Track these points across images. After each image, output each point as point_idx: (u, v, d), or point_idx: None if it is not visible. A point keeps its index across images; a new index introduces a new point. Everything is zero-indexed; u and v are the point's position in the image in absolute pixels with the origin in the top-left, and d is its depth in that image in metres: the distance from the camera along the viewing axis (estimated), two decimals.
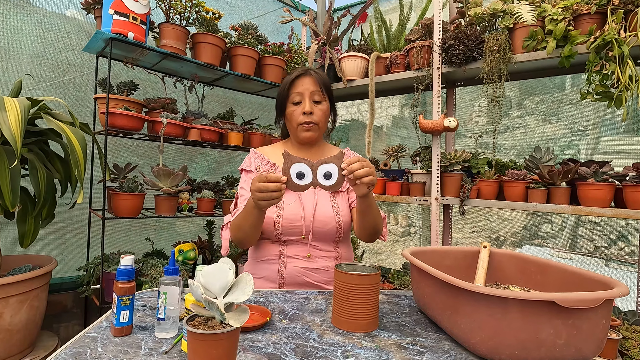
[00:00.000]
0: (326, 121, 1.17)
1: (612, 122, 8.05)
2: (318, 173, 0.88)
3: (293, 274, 1.08)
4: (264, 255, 1.12)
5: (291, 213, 1.08)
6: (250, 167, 1.18)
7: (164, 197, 1.73)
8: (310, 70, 1.14)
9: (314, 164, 0.88)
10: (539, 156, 1.82)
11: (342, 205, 1.14)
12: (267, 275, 1.10)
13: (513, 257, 0.96)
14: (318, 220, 1.08)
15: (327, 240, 1.11)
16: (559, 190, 1.65)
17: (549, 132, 9.55)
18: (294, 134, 1.17)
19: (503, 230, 7.72)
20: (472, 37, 1.80)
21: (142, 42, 1.60)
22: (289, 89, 1.13)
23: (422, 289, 0.85)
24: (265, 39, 2.19)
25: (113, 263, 1.70)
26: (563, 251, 6.32)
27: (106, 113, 1.54)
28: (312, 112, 1.11)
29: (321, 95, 1.13)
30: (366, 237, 1.10)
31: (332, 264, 1.11)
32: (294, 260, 1.08)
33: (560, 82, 10.14)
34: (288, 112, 1.14)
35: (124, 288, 0.69)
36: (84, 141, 1.37)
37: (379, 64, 2.17)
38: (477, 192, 1.87)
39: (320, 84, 1.13)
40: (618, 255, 6.26)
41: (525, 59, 1.66)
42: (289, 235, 1.08)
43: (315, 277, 1.09)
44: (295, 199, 1.10)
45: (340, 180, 0.89)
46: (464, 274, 1.01)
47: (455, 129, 1.85)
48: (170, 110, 1.88)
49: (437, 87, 1.91)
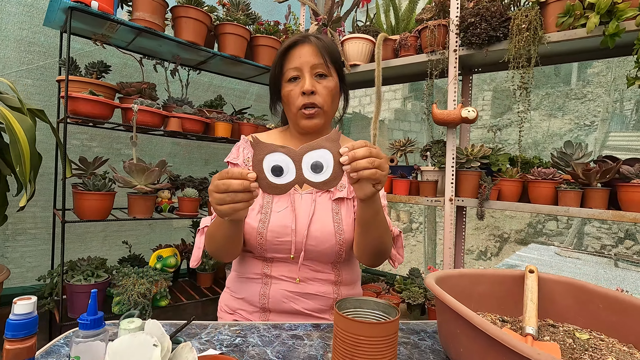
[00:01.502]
0: (334, 103, 0.88)
1: (621, 117, 7.80)
2: (304, 164, 0.60)
3: (278, 299, 0.84)
4: (246, 272, 0.89)
5: (279, 224, 0.83)
6: (237, 160, 0.92)
7: (138, 197, 1.50)
8: (310, 37, 0.86)
9: (297, 152, 0.61)
10: (569, 152, 1.58)
11: (346, 216, 0.86)
12: (247, 297, 0.88)
13: (570, 286, 0.73)
14: (313, 237, 0.83)
15: (323, 261, 0.86)
16: (596, 193, 1.42)
17: (554, 127, 9.31)
18: (293, 121, 0.90)
19: (507, 227, 7.52)
20: (496, 14, 1.55)
21: (110, 14, 1.36)
22: (283, 61, 0.86)
23: (456, 338, 0.62)
24: (258, 17, 1.94)
25: (79, 272, 1.47)
26: (570, 250, 6.12)
27: (65, 97, 1.30)
28: (315, 90, 0.83)
29: (325, 67, 0.84)
30: (367, 260, 0.83)
31: (329, 289, 0.87)
32: (279, 282, 0.85)
33: (566, 76, 9.86)
34: (284, 92, 0.87)
35: (15, 350, 0.45)
36: (33, 131, 1.13)
37: (386, 47, 1.93)
38: (497, 193, 1.64)
39: (324, 53, 0.84)
40: (626, 254, 6.06)
41: (560, 39, 1.42)
42: (274, 252, 0.84)
43: (306, 305, 0.85)
44: (288, 206, 0.85)
45: (337, 172, 0.61)
46: (502, 305, 0.78)
47: (475, 120, 1.61)
48: (148, 96, 1.64)
49: (454, 72, 1.67)
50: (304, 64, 0.84)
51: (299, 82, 0.84)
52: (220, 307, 0.95)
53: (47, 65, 1.73)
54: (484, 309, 0.78)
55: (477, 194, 1.65)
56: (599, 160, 1.50)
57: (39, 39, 1.70)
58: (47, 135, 1.65)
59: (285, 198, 0.85)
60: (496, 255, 7.22)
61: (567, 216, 1.60)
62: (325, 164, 0.61)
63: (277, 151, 0.60)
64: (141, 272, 1.54)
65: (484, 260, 7.28)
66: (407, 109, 7.29)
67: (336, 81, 0.88)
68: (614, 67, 8.64)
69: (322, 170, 0.61)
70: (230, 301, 0.91)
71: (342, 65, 0.90)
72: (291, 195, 0.85)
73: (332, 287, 0.87)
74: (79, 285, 1.40)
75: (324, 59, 0.84)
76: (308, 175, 0.61)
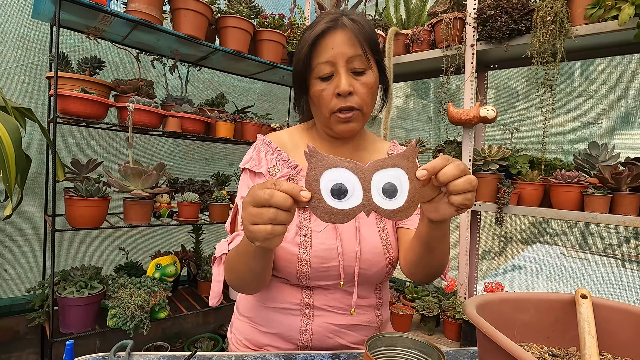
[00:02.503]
0: (373, 101, 0.73)
1: (627, 115, 7.73)
2: (373, 185, 0.48)
3: (323, 334, 0.71)
4: (278, 301, 0.74)
5: (324, 247, 0.69)
6: (260, 168, 0.75)
7: (134, 202, 1.40)
8: (344, 18, 0.69)
9: (365, 169, 0.48)
10: (595, 154, 1.49)
11: (391, 231, 0.75)
12: (282, 332, 0.73)
13: (631, 315, 0.64)
14: (365, 260, 0.71)
15: (370, 285, 0.75)
16: (626, 198, 1.32)
17: (557, 125, 9.24)
18: (324, 124, 0.74)
19: (511, 226, 7.43)
20: (518, 5, 1.45)
21: (103, 5, 1.25)
22: (311, 53, 0.69)
23: None
24: (262, 10, 1.83)
25: (71, 283, 1.37)
26: (575, 250, 6.03)
27: (54, 95, 1.19)
28: (353, 90, 0.68)
29: (364, 60, 0.69)
30: (423, 279, 0.72)
31: (372, 316, 0.75)
32: (324, 314, 0.72)
33: (569, 73, 9.77)
34: (313, 92, 0.71)
35: None
36: (18, 132, 1.03)
37: (397, 42, 1.83)
38: (517, 197, 1.54)
39: (362, 41, 0.68)
40: (632, 254, 5.97)
41: (588, 32, 1.32)
42: (318, 280, 0.71)
43: (353, 338, 0.73)
44: (327, 224, 0.72)
45: (413, 199, 0.48)
46: (549, 335, 0.69)
47: (494, 119, 1.51)
48: (145, 94, 1.54)
49: (471, 68, 1.57)
50: (339, 56, 0.68)
51: (332, 80, 0.69)
52: (235, 340, 0.80)
53: (42, 61, 1.61)
54: (528, 339, 0.68)
55: (495, 199, 1.56)
56: (627, 163, 1.40)
57: (35, 34, 1.59)
58: (40, 134, 1.55)
59: None
60: (500, 255, 7.14)
61: (595, 223, 1.51)
62: (399, 188, 0.48)
63: (339, 166, 0.47)
64: (138, 282, 1.45)
65: (488, 260, 7.20)
66: (409, 107, 7.18)
67: (376, 75, 0.72)
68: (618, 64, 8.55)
69: (396, 196, 0.48)
70: (254, 335, 0.77)
71: (382, 53, 0.75)
72: None
73: (374, 312, 0.76)
74: (72, 299, 1.30)
75: (363, 48, 0.68)
76: (378, 200, 0.48)
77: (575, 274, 4.64)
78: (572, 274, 4.65)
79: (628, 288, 4.17)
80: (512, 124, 10.21)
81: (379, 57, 0.73)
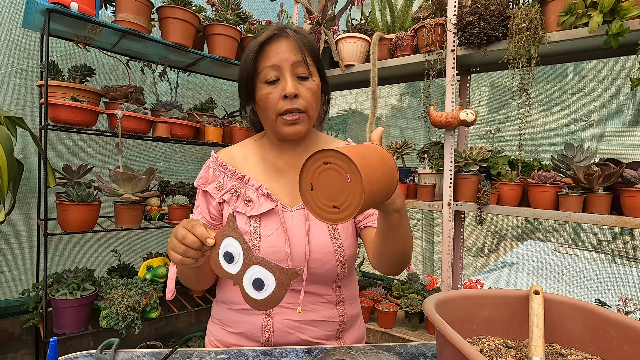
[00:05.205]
0: (317, 105, 0.79)
1: (618, 112, 7.80)
2: (247, 273, 0.60)
3: (283, 330, 0.76)
4: (240, 303, 0.78)
5: (272, 250, 0.75)
6: (207, 187, 0.81)
7: (125, 206, 1.44)
8: (287, 29, 0.75)
9: (252, 258, 0.60)
10: (570, 155, 1.54)
11: (343, 230, 0.80)
12: (246, 331, 0.78)
13: (579, 310, 0.69)
14: (315, 259, 0.75)
15: (324, 283, 0.80)
16: (599, 198, 1.38)
17: (550, 123, 9.30)
18: (271, 128, 0.78)
19: (504, 223, 7.52)
20: (495, 13, 1.50)
21: (91, 16, 1.29)
22: (257, 58, 0.74)
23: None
24: (250, 16, 1.87)
25: (64, 285, 1.41)
26: (567, 246, 6.12)
27: (45, 104, 1.23)
28: (298, 93, 0.73)
29: (307, 66, 0.74)
30: (390, 270, 0.76)
31: (333, 312, 0.80)
32: (283, 312, 0.76)
33: (562, 71, 9.83)
34: (260, 95, 0.75)
35: None
36: (9, 141, 1.07)
37: (382, 47, 1.87)
38: (497, 197, 1.60)
39: (305, 50, 0.74)
40: (622, 250, 6.06)
41: (561, 38, 1.37)
42: None
43: (313, 333, 0.78)
44: (278, 227, 0.77)
45: (277, 294, 0.59)
46: (507, 328, 0.74)
47: (473, 122, 1.56)
48: (135, 100, 1.58)
49: (452, 72, 1.62)
50: (284, 61, 0.73)
51: (278, 84, 0.74)
52: (209, 341, 0.85)
53: (33, 67, 1.65)
54: (487, 332, 0.73)
55: (476, 199, 1.61)
56: (600, 164, 1.46)
57: (26, 41, 1.62)
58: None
59: (275, 218, 0.78)
60: (493, 251, 7.22)
61: (568, 221, 1.56)
62: (266, 283, 0.59)
63: (238, 240, 0.60)
64: (130, 283, 1.49)
65: (481, 257, 7.28)
66: (404, 106, 7.23)
67: (318, 81, 0.78)
68: (611, 61, 8.62)
69: (263, 289, 0.60)
70: (223, 336, 0.82)
71: (322, 63, 0.81)
72: (280, 214, 0.77)
73: (336, 308, 0.81)
74: (65, 300, 1.34)
75: (304, 56, 0.74)
76: (247, 286, 0.60)
77: (567, 269, 4.72)
78: (564, 269, 4.73)
79: (618, 282, 4.24)
80: (506, 121, 10.17)
81: (321, 65, 0.80)
